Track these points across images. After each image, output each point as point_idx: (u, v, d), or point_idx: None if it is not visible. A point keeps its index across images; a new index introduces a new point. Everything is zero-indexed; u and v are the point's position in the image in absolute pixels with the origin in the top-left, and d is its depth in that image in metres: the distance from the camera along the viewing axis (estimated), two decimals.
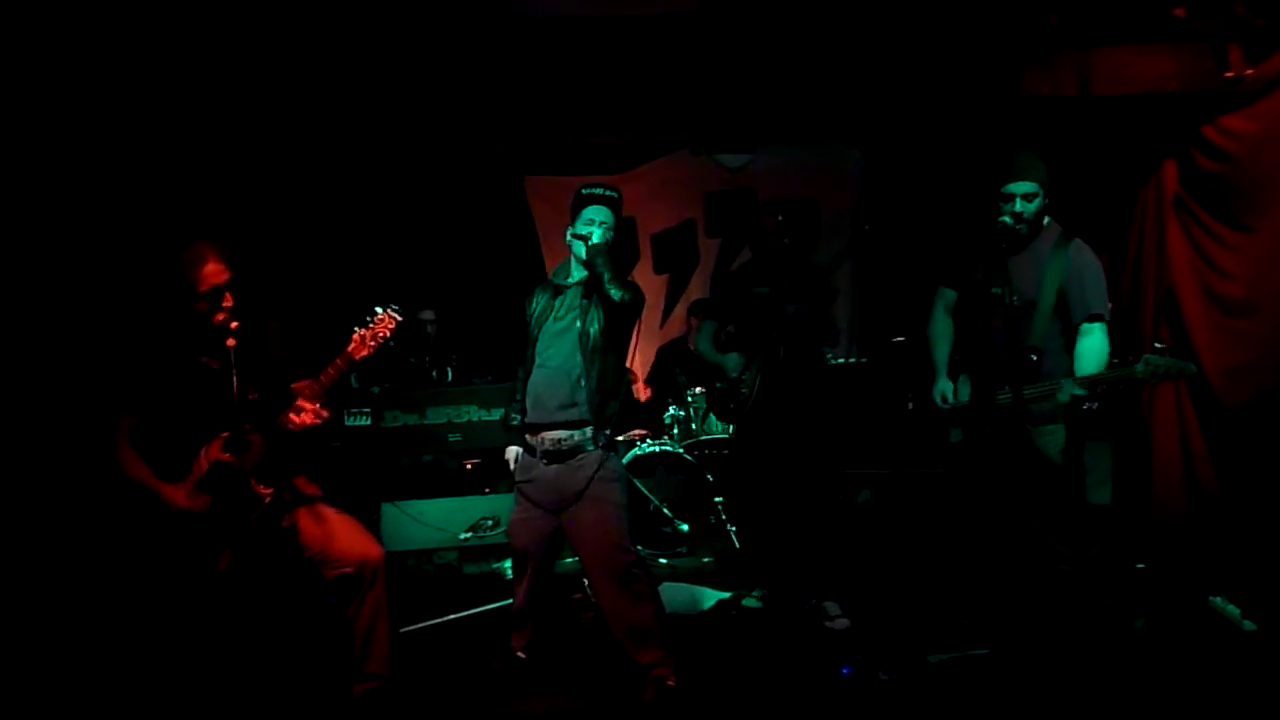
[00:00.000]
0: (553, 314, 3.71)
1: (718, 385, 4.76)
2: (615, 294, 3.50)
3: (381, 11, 4.18)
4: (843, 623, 4.25)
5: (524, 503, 3.71)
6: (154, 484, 3.25)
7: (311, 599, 3.53)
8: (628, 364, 3.86)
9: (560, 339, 3.64)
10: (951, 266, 4.07)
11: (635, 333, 3.85)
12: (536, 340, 3.70)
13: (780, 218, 4.68)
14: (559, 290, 3.76)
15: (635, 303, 3.59)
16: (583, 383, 3.56)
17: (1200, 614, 4.17)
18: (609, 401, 3.61)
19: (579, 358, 3.58)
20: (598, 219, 3.63)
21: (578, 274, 3.72)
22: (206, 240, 3.25)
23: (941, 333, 4.10)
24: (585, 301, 3.64)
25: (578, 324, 3.62)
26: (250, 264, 3.38)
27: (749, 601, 4.67)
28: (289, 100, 4.32)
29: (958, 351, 4.04)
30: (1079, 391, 3.47)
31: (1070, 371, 3.58)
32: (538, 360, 3.67)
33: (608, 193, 3.70)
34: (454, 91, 4.45)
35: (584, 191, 3.71)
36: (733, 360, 4.58)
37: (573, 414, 3.57)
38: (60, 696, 3.48)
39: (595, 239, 3.58)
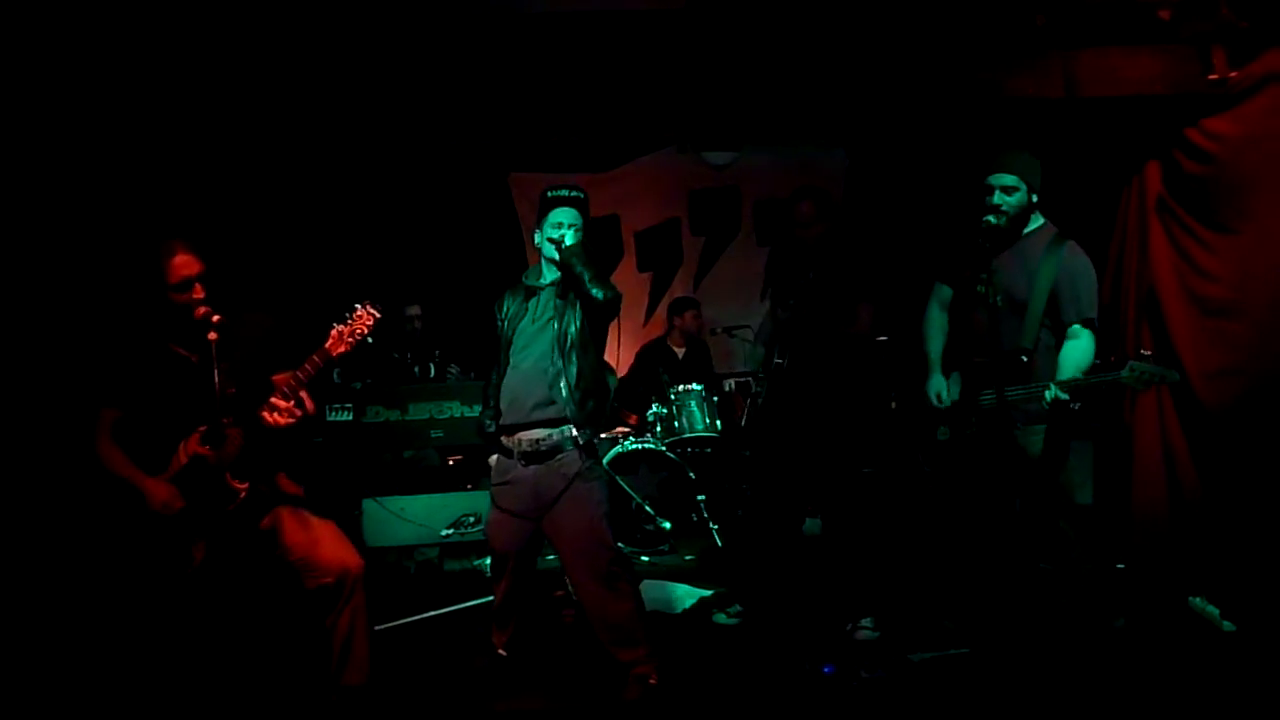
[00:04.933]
0: (527, 315, 3.65)
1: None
2: (598, 293, 3.45)
3: (367, 7, 4.15)
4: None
5: (500, 506, 3.67)
6: (136, 477, 3.22)
7: (290, 600, 3.50)
8: (608, 360, 3.82)
9: (536, 339, 3.59)
10: (947, 263, 4.06)
11: (615, 330, 3.78)
12: (510, 342, 3.64)
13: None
14: (532, 292, 3.70)
15: (615, 300, 3.54)
16: (561, 381, 3.50)
17: (1180, 614, 4.20)
18: (588, 399, 3.55)
19: (556, 356, 3.53)
20: (566, 221, 3.57)
21: (550, 275, 3.67)
22: (177, 233, 3.22)
23: (935, 329, 4.07)
24: (561, 302, 3.59)
25: (554, 324, 3.56)
26: (232, 257, 3.35)
27: (720, 618, 4.49)
28: (275, 95, 4.28)
29: (950, 349, 4.03)
30: (1062, 395, 3.47)
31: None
32: (512, 362, 3.61)
33: (574, 194, 3.64)
34: (439, 87, 4.41)
35: (550, 194, 3.64)
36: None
37: (550, 412, 3.52)
38: (31, 689, 3.44)
39: (569, 241, 3.53)
